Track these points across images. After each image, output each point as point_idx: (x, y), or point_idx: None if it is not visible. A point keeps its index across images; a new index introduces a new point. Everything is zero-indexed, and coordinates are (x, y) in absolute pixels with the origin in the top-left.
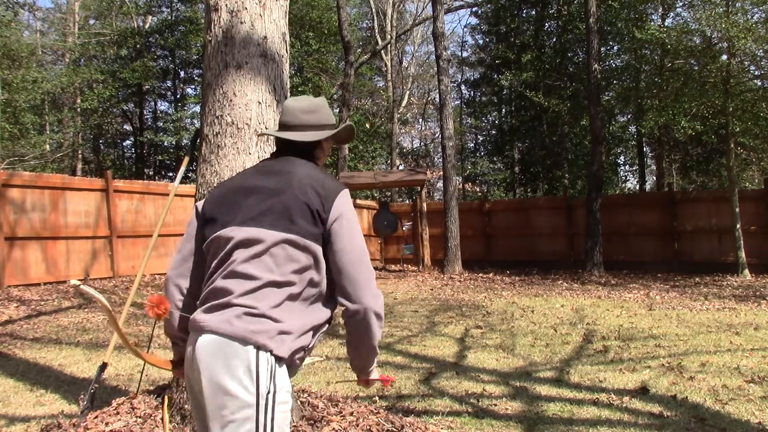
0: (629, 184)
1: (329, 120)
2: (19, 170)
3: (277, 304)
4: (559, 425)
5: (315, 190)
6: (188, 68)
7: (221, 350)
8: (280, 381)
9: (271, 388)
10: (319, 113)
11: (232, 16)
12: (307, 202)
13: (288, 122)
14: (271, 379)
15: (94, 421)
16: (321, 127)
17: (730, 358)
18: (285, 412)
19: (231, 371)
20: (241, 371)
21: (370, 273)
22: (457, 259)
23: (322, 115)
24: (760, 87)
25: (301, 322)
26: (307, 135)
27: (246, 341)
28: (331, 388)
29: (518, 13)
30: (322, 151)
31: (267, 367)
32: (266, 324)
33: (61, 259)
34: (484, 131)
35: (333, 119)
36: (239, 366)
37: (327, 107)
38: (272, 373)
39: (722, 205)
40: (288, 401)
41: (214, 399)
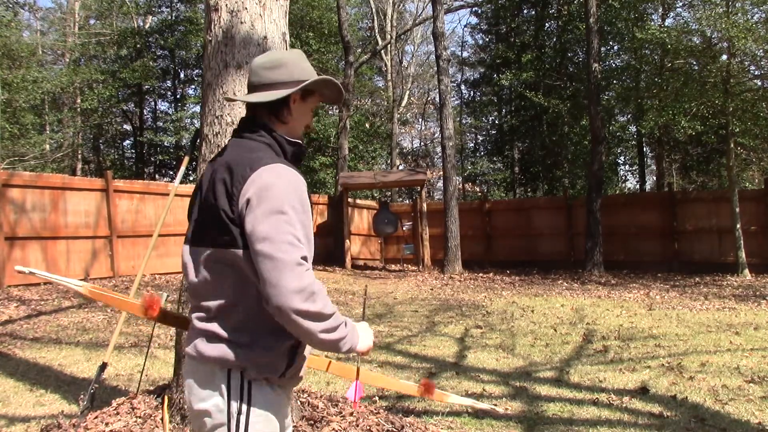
0: (629, 184)
1: (301, 75)
2: (19, 170)
3: (234, 324)
4: (559, 425)
5: (223, 181)
6: (188, 68)
7: (193, 372)
8: (257, 400)
9: (243, 408)
10: (286, 68)
11: (232, 16)
12: (215, 202)
13: (252, 82)
14: (242, 398)
15: (94, 421)
16: (288, 84)
17: (730, 358)
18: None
19: (204, 392)
20: (213, 392)
21: (281, 265)
22: (457, 259)
23: (289, 69)
24: (760, 87)
25: (264, 337)
26: (265, 95)
27: (211, 363)
28: (331, 388)
29: (518, 13)
30: (289, 112)
31: (237, 386)
32: (226, 346)
33: (62, 259)
34: (484, 131)
35: (307, 75)
36: (210, 387)
37: (299, 61)
38: (242, 392)
39: (722, 205)
40: (267, 419)
41: (195, 420)
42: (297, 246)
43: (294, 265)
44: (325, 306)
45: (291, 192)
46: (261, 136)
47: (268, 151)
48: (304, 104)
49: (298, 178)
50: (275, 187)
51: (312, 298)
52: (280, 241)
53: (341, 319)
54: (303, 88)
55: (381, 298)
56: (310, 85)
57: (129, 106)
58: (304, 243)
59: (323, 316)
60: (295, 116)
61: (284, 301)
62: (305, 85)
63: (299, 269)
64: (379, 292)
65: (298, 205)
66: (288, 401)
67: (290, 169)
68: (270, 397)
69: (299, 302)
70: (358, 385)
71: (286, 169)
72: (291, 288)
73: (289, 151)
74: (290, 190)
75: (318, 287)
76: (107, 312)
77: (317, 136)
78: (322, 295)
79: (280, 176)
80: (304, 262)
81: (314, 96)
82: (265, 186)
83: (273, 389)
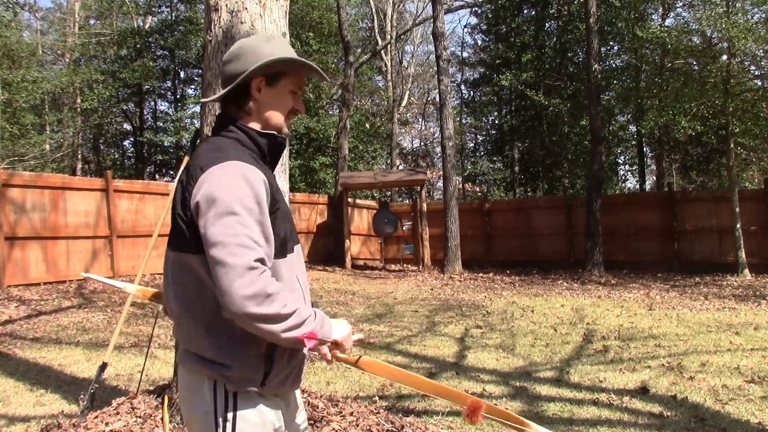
0: (629, 184)
1: (257, 62)
2: (19, 170)
3: (198, 333)
4: (559, 425)
5: (181, 182)
6: (188, 68)
7: (183, 378)
8: (244, 410)
9: (229, 416)
10: (241, 59)
11: (232, 16)
12: (174, 205)
13: (221, 80)
14: (227, 408)
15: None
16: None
17: (730, 358)
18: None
19: (191, 401)
20: (200, 400)
21: (232, 271)
22: (457, 259)
23: (244, 60)
24: (760, 87)
25: (231, 347)
26: (224, 91)
27: (196, 372)
28: (331, 388)
29: (518, 13)
30: (255, 102)
31: (222, 396)
32: (199, 357)
33: (61, 259)
34: (484, 131)
35: (267, 58)
36: (198, 395)
37: (256, 47)
38: (227, 402)
39: (722, 205)
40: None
41: (187, 425)
42: (251, 248)
43: (245, 270)
44: (284, 306)
45: (244, 191)
46: (230, 131)
47: (232, 149)
48: (273, 89)
49: (256, 175)
50: (226, 187)
51: (267, 302)
52: (231, 244)
53: (306, 314)
54: (252, 72)
55: (381, 298)
56: (261, 68)
57: (129, 106)
58: (262, 244)
59: (282, 316)
60: (265, 104)
61: (238, 308)
62: (255, 69)
63: (251, 274)
64: (379, 292)
65: (253, 205)
66: (288, 406)
67: (247, 166)
68: (259, 407)
69: (254, 307)
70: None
71: (241, 167)
72: (243, 294)
73: (263, 144)
74: (243, 188)
75: (274, 288)
76: (107, 312)
77: (317, 136)
78: (280, 296)
79: (232, 174)
80: (258, 265)
81: (288, 77)
82: (215, 186)
83: (263, 398)
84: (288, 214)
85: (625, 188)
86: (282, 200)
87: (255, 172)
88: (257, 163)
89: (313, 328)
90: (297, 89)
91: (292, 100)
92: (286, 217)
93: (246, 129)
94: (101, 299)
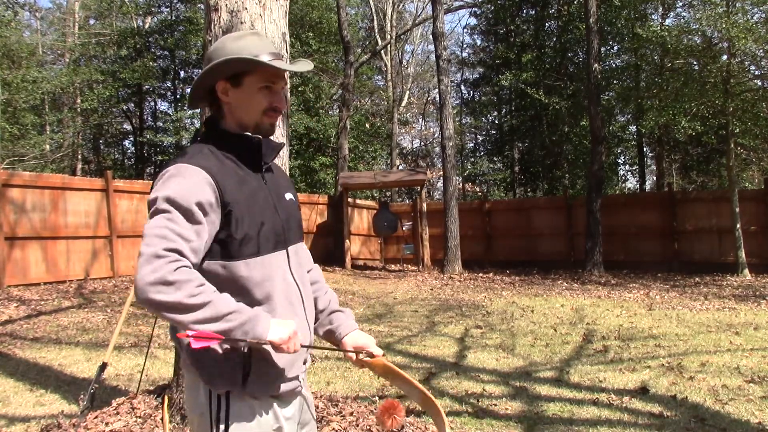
0: (629, 184)
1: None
2: (19, 170)
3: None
4: (559, 425)
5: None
6: (188, 68)
7: (185, 382)
8: (235, 414)
9: (222, 415)
10: (208, 62)
11: (232, 16)
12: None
13: None
14: (219, 409)
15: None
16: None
17: (730, 358)
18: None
19: (189, 402)
20: (196, 401)
21: (141, 259)
22: (457, 259)
23: (211, 64)
24: (760, 87)
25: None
26: (190, 100)
27: (193, 375)
28: (331, 388)
29: (518, 13)
30: (225, 103)
31: (215, 399)
32: (187, 359)
33: (61, 259)
34: (484, 131)
35: (233, 54)
36: (194, 395)
37: (221, 48)
38: (219, 406)
39: (722, 205)
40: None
41: (189, 423)
42: (166, 238)
43: (152, 257)
44: (191, 297)
45: (180, 191)
46: (208, 134)
47: (192, 152)
48: (240, 90)
49: (198, 176)
50: (165, 187)
51: (168, 289)
52: (149, 235)
53: (228, 308)
54: (205, 74)
55: (381, 298)
56: (216, 68)
57: (129, 106)
58: (188, 238)
59: (186, 306)
60: (236, 106)
61: (140, 294)
62: (206, 70)
63: (157, 261)
64: (379, 292)
65: (188, 204)
66: (293, 411)
67: (190, 167)
68: (253, 409)
69: (153, 294)
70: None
71: (183, 168)
72: (146, 280)
73: (237, 146)
74: (180, 188)
75: (180, 277)
76: (107, 312)
77: (317, 136)
78: (187, 286)
79: (174, 176)
80: (165, 254)
81: (253, 75)
82: (156, 187)
83: (256, 400)
84: (265, 214)
85: (625, 188)
86: (247, 200)
87: (197, 173)
88: (220, 164)
89: (233, 326)
90: (270, 83)
91: (267, 96)
92: (257, 218)
93: (221, 131)
94: (101, 299)
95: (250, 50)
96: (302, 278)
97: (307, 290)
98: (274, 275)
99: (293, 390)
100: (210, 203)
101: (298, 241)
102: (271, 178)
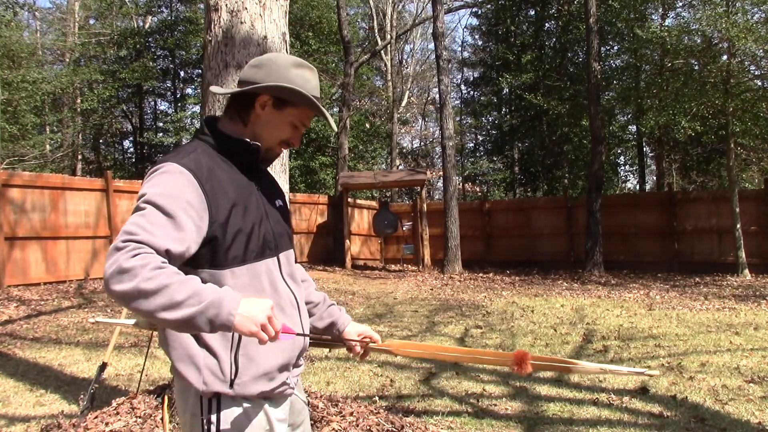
0: (629, 184)
1: (278, 80)
2: (19, 170)
3: (172, 337)
4: (559, 425)
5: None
6: (188, 68)
7: (175, 387)
8: (227, 414)
9: (213, 419)
10: (264, 68)
11: (232, 16)
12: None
13: (238, 78)
14: (211, 412)
15: (94, 421)
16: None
17: (730, 358)
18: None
19: (180, 407)
20: (186, 407)
21: (107, 256)
22: (457, 259)
23: (267, 71)
24: (760, 87)
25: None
26: (232, 90)
27: (184, 379)
28: (331, 388)
29: (518, 13)
30: (256, 115)
31: (206, 405)
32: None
33: (61, 259)
34: (484, 131)
35: (286, 82)
36: (184, 402)
37: (284, 67)
38: (210, 411)
39: (722, 205)
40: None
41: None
42: (131, 233)
43: (113, 251)
44: (145, 280)
45: (166, 189)
46: (203, 134)
47: (184, 151)
48: (277, 113)
49: (186, 177)
50: (150, 187)
51: (124, 276)
52: (122, 231)
53: (186, 292)
54: (261, 89)
55: (381, 298)
56: (272, 89)
57: (129, 106)
58: (157, 234)
59: (143, 292)
60: (263, 122)
61: (106, 288)
62: (265, 87)
63: (116, 253)
64: (379, 292)
65: (170, 204)
66: (286, 413)
67: (178, 168)
68: (245, 410)
69: (113, 284)
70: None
71: (173, 167)
72: (106, 274)
73: (233, 148)
74: (166, 187)
75: (136, 263)
76: (107, 312)
77: (317, 136)
78: (143, 271)
79: (160, 176)
80: (125, 245)
81: (295, 108)
82: (145, 183)
83: (247, 401)
84: (256, 220)
85: (626, 188)
86: (237, 204)
87: (183, 174)
88: (214, 166)
89: (193, 312)
90: (299, 124)
91: (290, 131)
92: (247, 223)
93: (218, 132)
94: (101, 299)
95: (308, 88)
96: (296, 284)
97: (300, 295)
98: (262, 283)
99: (283, 392)
100: (193, 204)
101: (289, 247)
102: (263, 184)
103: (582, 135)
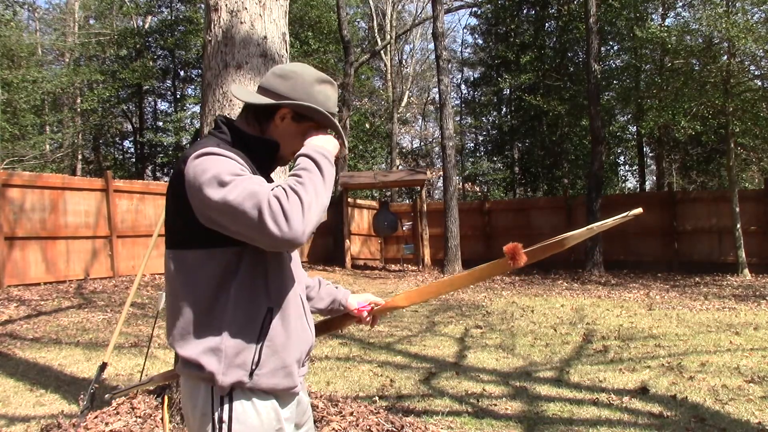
0: (629, 184)
1: (301, 96)
2: (18, 170)
3: (191, 329)
4: (559, 425)
5: (170, 182)
6: (188, 68)
7: (183, 388)
8: (238, 412)
9: (225, 418)
10: (291, 81)
11: (232, 16)
12: (167, 204)
13: (260, 84)
14: (222, 411)
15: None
16: (283, 98)
17: (730, 358)
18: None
19: (189, 406)
20: (196, 405)
21: (265, 223)
22: (457, 259)
23: (293, 84)
24: (760, 87)
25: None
26: (255, 97)
27: (195, 378)
28: (331, 388)
29: (518, 13)
30: (275, 126)
31: (218, 401)
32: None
33: (61, 259)
34: (484, 131)
35: (310, 99)
36: (195, 400)
37: (309, 84)
38: (222, 408)
39: (722, 205)
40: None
41: (188, 427)
42: (251, 195)
43: (262, 216)
44: (298, 204)
45: (229, 165)
46: (221, 131)
47: (213, 142)
48: (295, 125)
49: (235, 156)
50: (207, 162)
51: (293, 217)
52: (242, 207)
53: (304, 174)
54: (287, 106)
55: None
56: (297, 107)
57: (129, 106)
58: (258, 180)
59: (309, 205)
60: (280, 133)
61: (299, 242)
62: (291, 105)
63: (267, 212)
64: (379, 292)
65: (242, 170)
66: (293, 412)
67: (224, 151)
68: (256, 407)
69: (295, 228)
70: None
71: (219, 150)
72: (285, 234)
73: (253, 145)
74: (227, 163)
75: (282, 197)
76: (107, 312)
77: None
78: (291, 196)
79: (214, 155)
80: (259, 206)
81: (312, 124)
82: (198, 167)
83: (258, 398)
84: None
85: (625, 188)
86: None
87: (232, 154)
88: (242, 157)
89: (320, 175)
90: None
91: (301, 143)
92: None
93: (237, 129)
94: (101, 299)
95: (328, 105)
96: (300, 278)
97: (303, 290)
98: (289, 271)
99: (291, 390)
100: (245, 167)
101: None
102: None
103: (582, 135)
